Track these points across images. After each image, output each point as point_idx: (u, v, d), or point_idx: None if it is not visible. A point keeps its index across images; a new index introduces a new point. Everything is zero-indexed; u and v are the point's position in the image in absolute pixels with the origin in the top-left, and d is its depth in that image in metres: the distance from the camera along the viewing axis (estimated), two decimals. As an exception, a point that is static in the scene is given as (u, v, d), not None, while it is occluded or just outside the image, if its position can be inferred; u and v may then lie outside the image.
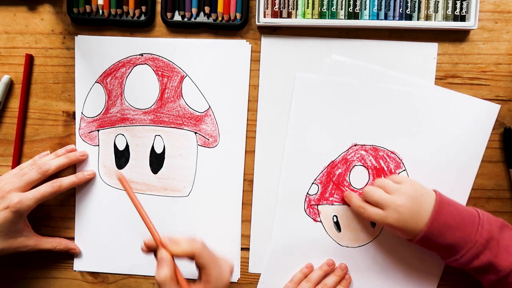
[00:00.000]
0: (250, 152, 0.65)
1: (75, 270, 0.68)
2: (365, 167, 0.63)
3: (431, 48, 0.62)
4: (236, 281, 0.67)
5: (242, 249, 0.66)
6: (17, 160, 0.67)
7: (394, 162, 0.63)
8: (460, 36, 0.62)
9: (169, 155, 0.65)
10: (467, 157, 0.62)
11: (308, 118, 0.63)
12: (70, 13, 0.64)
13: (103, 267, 0.68)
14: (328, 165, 0.64)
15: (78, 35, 0.65)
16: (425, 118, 0.62)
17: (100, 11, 0.64)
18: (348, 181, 0.63)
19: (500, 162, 0.63)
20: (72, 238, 0.68)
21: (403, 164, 0.63)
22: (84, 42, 0.65)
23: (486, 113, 0.62)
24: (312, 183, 0.64)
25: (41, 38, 0.66)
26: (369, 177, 0.63)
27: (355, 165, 0.63)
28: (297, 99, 0.63)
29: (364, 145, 0.63)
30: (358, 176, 0.63)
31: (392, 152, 0.63)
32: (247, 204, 0.66)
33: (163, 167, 0.66)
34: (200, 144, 0.65)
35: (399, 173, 0.63)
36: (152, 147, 0.66)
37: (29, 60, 0.66)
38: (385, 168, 0.63)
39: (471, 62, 0.62)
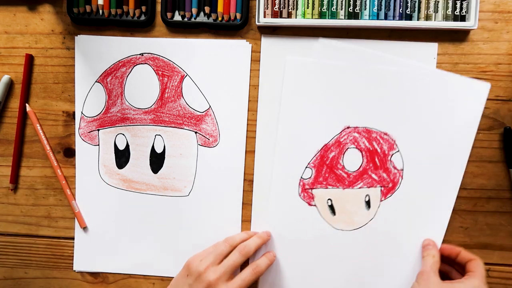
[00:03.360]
0: (250, 152, 0.65)
1: (75, 270, 0.68)
2: (358, 149, 0.63)
3: (431, 48, 0.62)
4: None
5: (242, 249, 0.66)
6: (17, 160, 0.67)
7: (387, 144, 0.63)
8: (460, 36, 0.62)
9: (170, 155, 0.65)
10: (460, 136, 0.62)
11: (299, 102, 0.63)
12: (70, 13, 0.64)
13: (103, 267, 0.68)
14: (321, 148, 0.64)
15: (78, 35, 0.65)
16: (416, 98, 0.62)
17: (100, 11, 0.64)
18: (342, 164, 0.63)
19: (500, 162, 0.63)
20: (72, 238, 0.68)
21: (396, 145, 0.63)
22: (84, 42, 0.65)
23: (477, 91, 0.61)
24: (306, 167, 0.64)
25: (41, 38, 0.66)
26: (362, 159, 0.63)
27: (348, 148, 0.63)
28: (288, 82, 0.63)
29: (357, 127, 0.63)
30: (352, 159, 0.63)
31: (385, 134, 0.63)
32: (247, 204, 0.66)
33: (163, 166, 0.66)
34: (200, 143, 0.65)
35: (392, 154, 0.63)
36: (153, 146, 0.66)
37: (29, 60, 0.66)
38: (379, 150, 0.63)
39: (471, 62, 0.62)
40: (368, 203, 0.64)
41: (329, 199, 0.64)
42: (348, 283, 0.64)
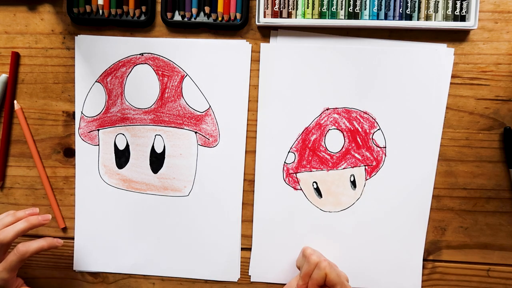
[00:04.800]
0: (250, 152, 0.65)
1: (75, 270, 0.68)
2: (339, 130, 0.64)
3: (431, 48, 0.62)
4: (236, 281, 0.67)
5: (242, 249, 0.66)
6: (3, 158, 0.67)
7: (368, 122, 0.63)
8: (460, 36, 0.62)
9: (169, 155, 0.65)
10: (433, 103, 0.62)
11: (277, 87, 0.64)
12: (70, 13, 0.64)
13: (103, 267, 0.68)
14: (302, 132, 0.64)
15: (78, 35, 0.65)
16: (390, 74, 0.62)
17: (100, 11, 0.64)
18: (324, 145, 0.64)
19: (500, 162, 0.63)
20: (72, 238, 0.68)
21: (377, 123, 0.63)
22: (84, 42, 0.65)
23: (443, 57, 0.62)
24: (288, 152, 0.64)
25: (41, 38, 0.66)
26: (344, 139, 0.64)
27: (329, 129, 0.64)
28: (265, 68, 0.63)
29: (336, 108, 0.63)
30: (333, 140, 0.64)
31: (365, 112, 0.63)
32: (247, 204, 0.66)
33: (163, 166, 0.66)
34: (200, 144, 0.65)
35: (374, 133, 0.63)
36: (153, 146, 0.66)
37: (15, 58, 0.65)
38: (360, 129, 0.63)
39: (471, 62, 0.62)
40: (353, 183, 0.64)
41: (314, 182, 0.64)
42: (340, 264, 0.65)
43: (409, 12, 0.61)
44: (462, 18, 0.60)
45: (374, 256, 0.65)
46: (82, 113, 0.66)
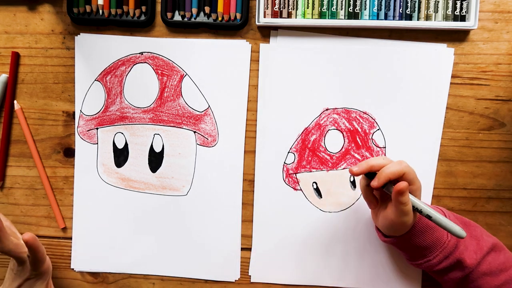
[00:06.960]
0: (249, 152, 0.65)
1: (75, 270, 0.68)
2: (339, 130, 0.64)
3: (431, 48, 0.62)
4: (236, 281, 0.66)
5: (242, 249, 0.66)
6: (4, 157, 0.67)
7: (367, 123, 0.63)
8: (460, 36, 0.62)
9: (168, 154, 0.65)
10: (433, 103, 0.62)
11: (277, 87, 0.64)
12: (70, 13, 0.64)
13: (103, 267, 0.68)
14: (302, 132, 0.64)
15: (78, 35, 0.65)
16: (389, 74, 0.62)
17: (100, 11, 0.64)
18: (324, 146, 0.64)
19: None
20: (71, 238, 0.68)
21: (376, 123, 0.63)
22: (84, 41, 0.65)
23: (443, 57, 0.62)
24: (288, 152, 0.64)
25: (41, 38, 0.66)
26: (344, 140, 0.64)
27: (329, 130, 0.64)
28: (264, 68, 0.64)
29: (336, 108, 0.64)
30: (333, 140, 0.64)
31: (365, 113, 0.63)
32: (247, 204, 0.66)
33: (162, 166, 0.66)
34: (199, 143, 0.65)
35: (373, 133, 0.63)
36: (151, 146, 0.66)
37: (15, 58, 0.65)
38: (359, 129, 0.63)
39: (471, 62, 0.62)
40: (353, 183, 0.64)
41: (314, 182, 0.64)
42: (340, 264, 0.65)
43: (409, 12, 0.61)
44: (462, 18, 0.60)
45: (374, 256, 0.65)
46: (81, 111, 0.66)
